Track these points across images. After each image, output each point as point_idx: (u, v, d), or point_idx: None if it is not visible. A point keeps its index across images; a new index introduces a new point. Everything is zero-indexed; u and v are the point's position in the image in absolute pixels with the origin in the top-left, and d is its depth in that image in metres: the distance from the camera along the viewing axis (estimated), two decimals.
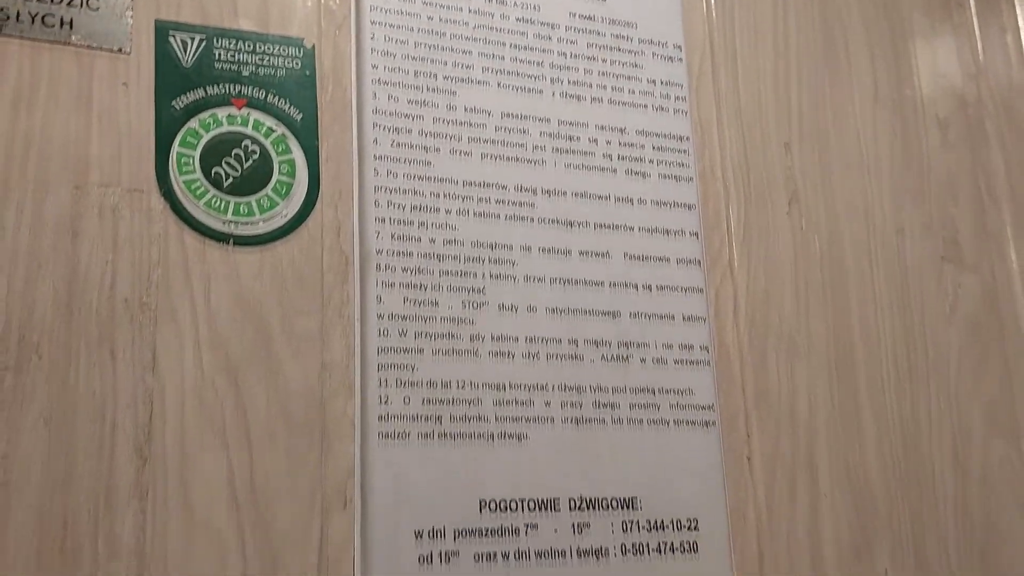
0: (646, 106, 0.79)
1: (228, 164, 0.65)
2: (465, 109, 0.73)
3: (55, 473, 0.57)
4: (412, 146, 0.70)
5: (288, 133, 0.67)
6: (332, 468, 0.63)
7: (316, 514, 0.62)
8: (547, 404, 0.70)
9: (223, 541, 0.59)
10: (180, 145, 0.64)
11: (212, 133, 0.65)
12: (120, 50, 0.64)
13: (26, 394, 0.57)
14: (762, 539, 0.73)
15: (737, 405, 0.75)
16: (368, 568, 0.62)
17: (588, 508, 0.69)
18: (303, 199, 0.66)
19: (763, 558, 0.72)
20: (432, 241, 0.70)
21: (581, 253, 0.74)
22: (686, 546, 0.70)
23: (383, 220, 0.69)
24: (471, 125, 0.73)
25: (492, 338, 0.70)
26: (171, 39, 0.65)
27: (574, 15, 0.78)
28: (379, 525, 0.63)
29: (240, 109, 0.66)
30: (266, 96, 0.67)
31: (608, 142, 0.77)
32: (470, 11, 0.75)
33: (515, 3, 0.76)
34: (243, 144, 0.65)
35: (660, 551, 0.70)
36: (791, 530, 0.74)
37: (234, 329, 0.63)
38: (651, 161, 0.78)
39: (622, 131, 0.78)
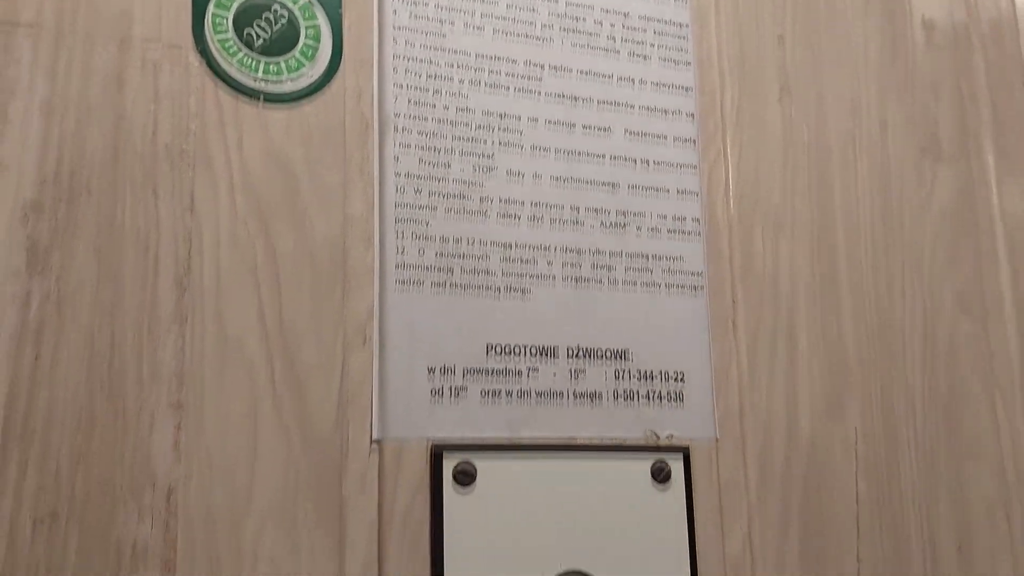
0: None
1: (259, 26, 0.70)
2: None
3: (104, 298, 0.63)
4: (428, 19, 0.75)
5: (314, 1, 0.71)
6: (353, 310, 0.69)
7: (338, 350, 0.68)
8: (549, 264, 0.76)
9: (254, 369, 0.66)
10: (215, 7, 0.69)
11: None
12: None
13: (78, 225, 0.63)
14: (743, 395, 0.79)
15: (724, 274, 0.81)
16: (385, 398, 0.68)
17: (584, 356, 0.75)
18: (327, 63, 0.71)
19: (743, 412, 0.79)
20: (446, 108, 0.75)
21: (584, 127, 0.79)
22: (673, 395, 0.77)
23: (401, 86, 0.74)
24: (483, 1, 0.77)
25: (500, 201, 0.75)
26: None
27: None
28: (395, 361, 0.69)
29: None
30: None
31: (612, 25, 0.82)
32: None
33: None
34: (272, 8, 0.70)
35: (648, 398, 0.76)
36: (770, 388, 0.80)
37: (265, 178, 0.68)
38: (652, 45, 0.83)
39: (626, 15, 0.83)
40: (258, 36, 0.70)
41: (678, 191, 0.81)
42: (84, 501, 0.60)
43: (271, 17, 0.70)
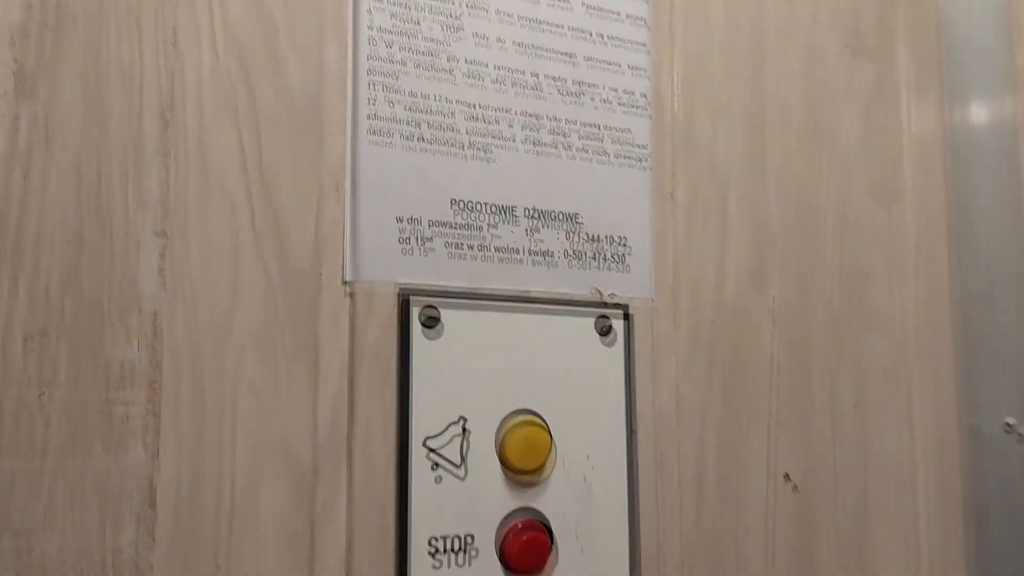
0: None
1: None
2: None
3: (90, 126, 0.64)
4: None
5: None
6: (327, 157, 0.72)
7: (313, 194, 0.71)
8: (511, 127, 0.80)
9: (235, 203, 0.68)
10: None
11: None
12: None
13: (65, 53, 0.63)
14: (677, 261, 0.86)
15: (666, 149, 0.87)
16: (356, 244, 0.72)
17: (539, 218, 0.80)
18: None
19: (677, 274, 0.85)
20: None
21: None
22: (617, 257, 0.83)
23: None
24: None
25: (466, 62, 0.78)
26: None
27: None
28: (366, 209, 0.73)
29: None
30: None
31: None
32: None
33: None
34: None
35: (595, 258, 0.82)
36: (702, 256, 0.87)
37: (244, 20, 0.69)
38: None
39: None
40: None
41: (630, 67, 0.86)
42: (73, 320, 0.62)
43: None
